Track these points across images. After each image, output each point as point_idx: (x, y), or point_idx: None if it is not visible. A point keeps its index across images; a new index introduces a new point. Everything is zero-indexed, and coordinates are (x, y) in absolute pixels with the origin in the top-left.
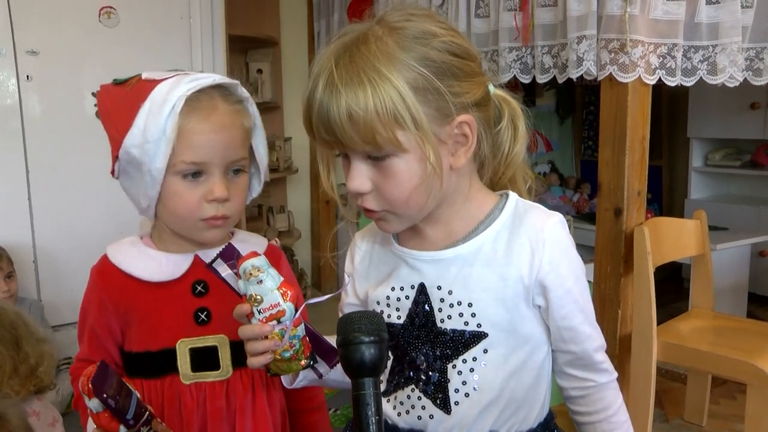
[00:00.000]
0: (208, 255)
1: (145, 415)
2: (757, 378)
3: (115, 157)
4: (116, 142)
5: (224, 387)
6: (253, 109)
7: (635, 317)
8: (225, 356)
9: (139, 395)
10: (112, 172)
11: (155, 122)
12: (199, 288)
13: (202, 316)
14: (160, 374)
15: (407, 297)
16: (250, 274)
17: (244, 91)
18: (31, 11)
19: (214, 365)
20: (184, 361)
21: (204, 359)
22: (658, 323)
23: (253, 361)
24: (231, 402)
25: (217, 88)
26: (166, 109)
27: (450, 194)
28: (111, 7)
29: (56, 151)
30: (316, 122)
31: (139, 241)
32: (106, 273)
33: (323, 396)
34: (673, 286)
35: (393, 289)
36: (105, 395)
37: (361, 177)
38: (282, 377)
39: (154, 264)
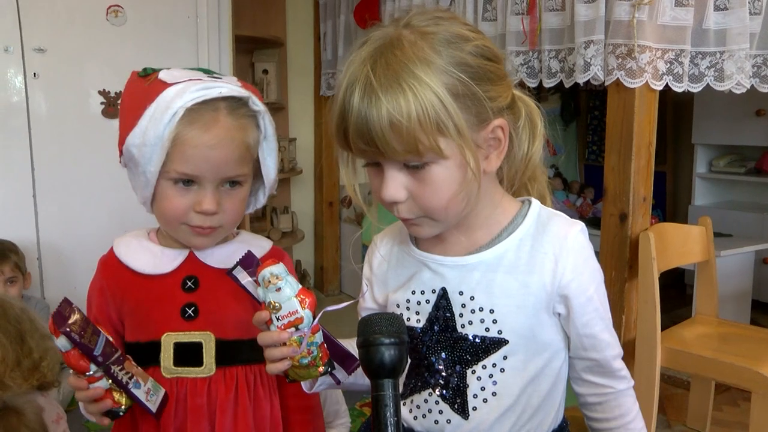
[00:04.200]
0: (203, 253)
1: (116, 355)
2: (761, 385)
3: (120, 151)
4: (121, 137)
5: (206, 385)
6: (265, 123)
7: (639, 323)
8: (209, 354)
9: (110, 338)
10: (120, 161)
11: (155, 127)
12: (189, 283)
13: (189, 312)
14: (143, 365)
15: (428, 301)
16: (269, 281)
17: (256, 104)
18: (39, 9)
19: (197, 361)
20: (167, 355)
21: (187, 355)
22: (661, 329)
23: (272, 368)
24: (212, 400)
25: (227, 99)
26: (167, 116)
27: (480, 199)
28: (118, 6)
29: (62, 148)
30: (353, 132)
31: (143, 235)
32: (108, 263)
33: (318, 397)
34: (676, 292)
35: (414, 292)
36: (68, 329)
37: (396, 186)
38: (302, 383)
39: (149, 256)
